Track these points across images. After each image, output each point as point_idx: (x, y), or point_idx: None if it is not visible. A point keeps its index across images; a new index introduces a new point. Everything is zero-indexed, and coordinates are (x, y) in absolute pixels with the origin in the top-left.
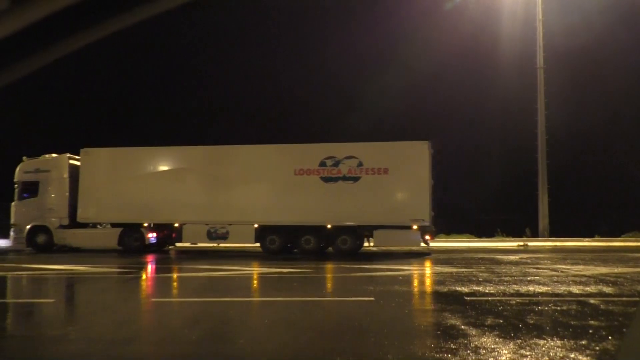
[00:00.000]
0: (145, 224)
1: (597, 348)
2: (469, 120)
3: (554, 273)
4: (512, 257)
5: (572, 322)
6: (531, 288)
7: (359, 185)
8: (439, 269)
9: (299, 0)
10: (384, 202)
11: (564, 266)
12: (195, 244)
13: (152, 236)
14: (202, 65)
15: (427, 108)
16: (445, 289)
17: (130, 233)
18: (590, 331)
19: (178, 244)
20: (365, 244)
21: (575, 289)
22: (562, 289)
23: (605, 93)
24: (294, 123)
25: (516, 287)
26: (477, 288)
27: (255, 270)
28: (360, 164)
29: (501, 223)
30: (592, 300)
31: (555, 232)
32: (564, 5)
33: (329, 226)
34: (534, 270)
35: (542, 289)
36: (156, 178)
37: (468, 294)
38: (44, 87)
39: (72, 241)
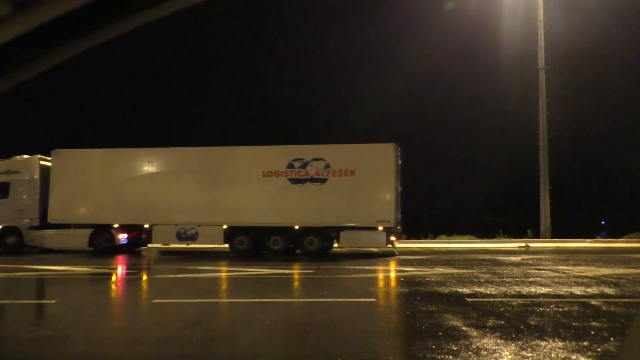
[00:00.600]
0: (116, 225)
1: (599, 349)
2: (470, 121)
3: (555, 274)
4: (514, 258)
5: (573, 324)
6: (533, 289)
7: (326, 187)
8: (440, 270)
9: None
10: (350, 203)
11: (565, 267)
12: (168, 244)
13: (122, 237)
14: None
15: (428, 109)
16: (447, 290)
17: (101, 234)
18: (592, 332)
19: (150, 245)
20: (335, 245)
21: (577, 290)
22: (563, 290)
23: (607, 93)
24: (294, 125)
25: (518, 289)
26: (478, 289)
27: (252, 271)
28: (327, 166)
29: (502, 224)
30: (593, 302)
31: (557, 233)
32: (565, 6)
33: (296, 227)
34: (536, 271)
35: (544, 290)
36: (126, 179)
37: (469, 295)
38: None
39: (42, 242)
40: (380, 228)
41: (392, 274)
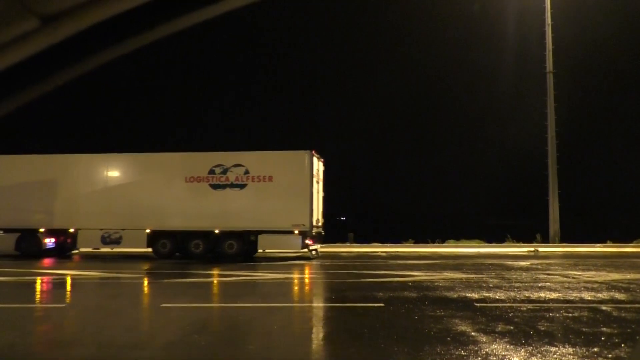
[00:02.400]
0: (42, 230)
1: (610, 355)
2: (478, 125)
3: (565, 279)
4: (523, 263)
5: (583, 329)
6: (542, 294)
7: (246, 192)
8: (449, 274)
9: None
10: (268, 208)
11: (575, 272)
12: (98, 248)
13: (49, 241)
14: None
15: (431, 111)
16: (455, 295)
17: (28, 238)
18: (603, 338)
19: (82, 249)
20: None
21: (586, 296)
22: (573, 295)
23: (615, 97)
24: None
25: (527, 294)
26: (487, 294)
27: (254, 276)
28: (247, 172)
29: (511, 229)
30: (604, 307)
31: (566, 237)
32: (573, 9)
33: (216, 231)
34: (545, 276)
35: (553, 295)
36: (52, 184)
37: (478, 300)
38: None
39: None
40: (296, 232)
41: (401, 279)
